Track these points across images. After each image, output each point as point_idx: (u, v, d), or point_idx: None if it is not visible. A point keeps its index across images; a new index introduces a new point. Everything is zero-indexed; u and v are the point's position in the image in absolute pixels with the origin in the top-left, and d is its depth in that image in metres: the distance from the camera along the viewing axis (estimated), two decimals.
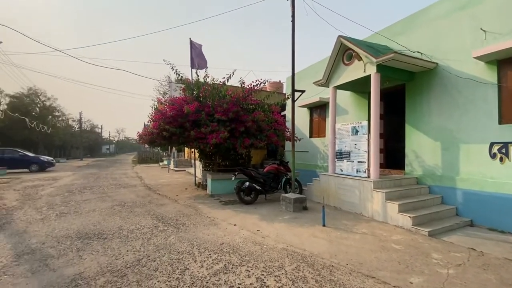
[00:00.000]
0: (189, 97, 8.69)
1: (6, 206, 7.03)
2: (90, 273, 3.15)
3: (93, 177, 14.04)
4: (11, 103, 30.29)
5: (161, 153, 31.08)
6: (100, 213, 6.13)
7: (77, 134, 44.82)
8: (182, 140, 8.36)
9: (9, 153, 17.69)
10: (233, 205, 6.94)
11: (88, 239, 4.35)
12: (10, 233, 4.78)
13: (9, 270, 3.26)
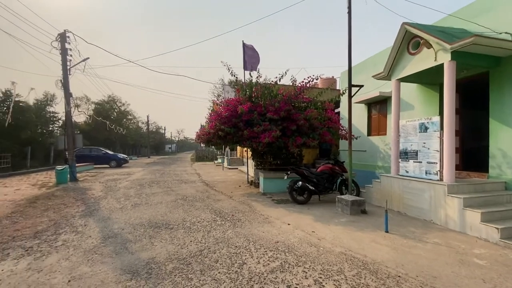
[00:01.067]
0: (242, 97, 8.98)
1: (94, 196, 8.38)
2: (160, 258, 3.52)
3: (159, 173, 15.68)
4: (96, 109, 35.97)
5: (216, 152, 32.91)
6: (166, 206, 6.81)
7: (145, 135, 50.69)
8: (236, 139, 8.69)
9: (94, 151, 21.02)
10: (286, 204, 6.92)
11: (157, 228, 4.87)
12: (98, 218, 5.68)
13: (98, 250, 3.87)
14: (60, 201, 7.59)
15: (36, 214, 6.04)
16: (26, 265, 3.38)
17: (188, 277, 2.99)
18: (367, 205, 6.23)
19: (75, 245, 4.06)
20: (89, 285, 2.85)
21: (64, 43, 12.30)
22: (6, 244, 4.15)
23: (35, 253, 3.75)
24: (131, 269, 3.21)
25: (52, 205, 6.98)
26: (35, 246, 4.05)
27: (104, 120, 28.93)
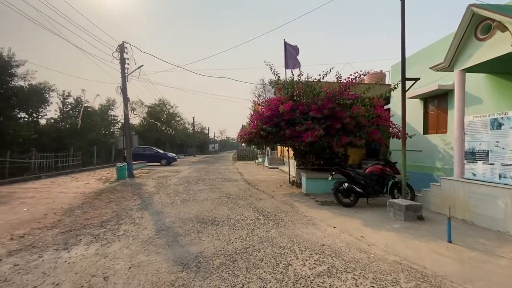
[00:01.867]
0: (283, 96, 8.91)
1: (148, 191, 9.16)
2: (208, 253, 3.67)
3: (204, 171, 16.48)
4: (148, 112, 39.43)
5: (256, 151, 33.31)
6: (212, 202, 7.10)
7: (191, 135, 53.87)
8: (277, 139, 8.65)
9: (147, 150, 23.02)
10: (330, 206, 6.65)
11: (204, 224, 5.10)
12: (152, 212, 6.18)
13: (153, 241, 4.20)
14: (120, 195, 8.48)
15: (102, 206, 6.83)
16: (95, 250, 3.83)
17: (235, 273, 3.06)
18: (424, 211, 5.63)
19: (134, 235, 4.47)
20: (146, 273, 3.11)
21: (122, 53, 13.71)
22: (79, 231, 4.77)
23: (102, 240, 4.24)
24: (181, 261, 3.40)
25: (114, 198, 7.83)
26: (101, 234, 4.57)
27: (156, 121, 31.49)
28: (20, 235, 4.55)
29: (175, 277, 3.00)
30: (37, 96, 16.68)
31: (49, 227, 5.02)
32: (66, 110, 21.16)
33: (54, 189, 9.59)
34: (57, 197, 8.12)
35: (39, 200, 7.61)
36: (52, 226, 5.08)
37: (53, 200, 7.65)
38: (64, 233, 4.62)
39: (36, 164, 14.70)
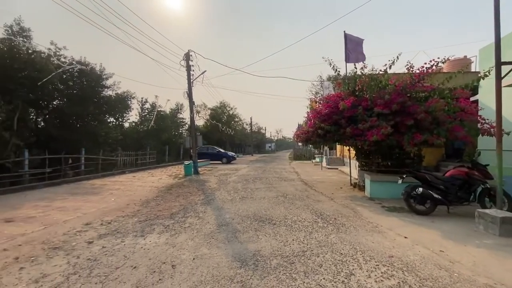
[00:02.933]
0: (344, 92, 8.35)
1: (210, 187, 9.80)
2: (265, 252, 3.68)
3: (261, 170, 16.80)
4: (211, 114, 42.44)
5: (313, 151, 32.31)
6: (269, 201, 7.15)
7: (248, 135, 55.79)
8: (337, 138, 8.18)
9: (210, 149, 24.73)
10: (400, 213, 5.93)
11: (261, 222, 5.15)
12: (214, 207, 6.56)
13: (215, 235, 4.44)
14: (187, 190, 9.29)
15: (171, 199, 7.60)
16: (165, 239, 4.26)
17: (292, 276, 2.98)
18: None
19: (198, 229, 4.81)
20: (208, 265, 3.29)
21: (188, 61, 15.02)
22: (153, 221, 5.39)
23: (171, 231, 4.69)
24: (240, 258, 3.49)
25: (181, 193, 8.63)
26: (171, 225, 5.07)
27: (217, 123, 33.63)
28: (108, 221, 5.40)
29: (234, 273, 3.09)
30: (122, 103, 19.66)
31: (130, 215, 5.82)
32: (144, 114, 24.43)
33: (135, 183, 11.14)
34: (136, 190, 9.40)
35: (123, 192, 8.93)
36: (132, 215, 5.88)
37: (133, 192, 8.88)
38: (141, 222, 5.29)
39: (121, 161, 17.39)
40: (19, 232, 4.74)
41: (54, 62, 13.52)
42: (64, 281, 2.94)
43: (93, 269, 3.23)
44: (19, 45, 12.32)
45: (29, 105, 13.46)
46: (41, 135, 14.04)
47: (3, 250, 3.87)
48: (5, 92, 11.15)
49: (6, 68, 11.62)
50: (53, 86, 14.35)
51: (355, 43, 9.09)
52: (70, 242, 4.19)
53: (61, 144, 14.08)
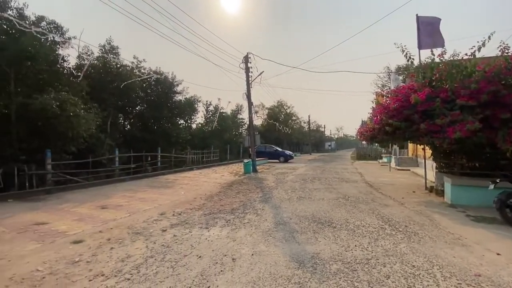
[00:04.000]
0: (417, 83, 7.37)
1: (268, 186, 9.96)
2: (324, 256, 3.53)
3: (319, 170, 16.24)
4: (268, 113, 43.12)
5: (380, 150, 29.57)
6: (328, 203, 6.85)
7: (306, 133, 54.59)
8: (408, 135, 7.29)
9: (268, 148, 25.14)
10: (490, 224, 4.93)
11: (320, 224, 4.97)
12: (271, 205, 6.64)
13: (272, 233, 4.49)
14: (246, 187, 9.65)
15: (232, 195, 8.00)
16: (226, 233, 4.51)
17: (354, 285, 2.78)
18: None
19: (256, 225, 4.94)
20: (266, 262, 3.34)
21: (247, 63, 15.56)
22: (216, 214, 5.77)
23: (232, 226, 4.94)
24: (298, 259, 3.44)
25: (241, 190, 9.01)
26: (231, 220, 5.34)
27: (274, 122, 33.95)
28: (178, 212, 6.02)
29: (291, 273, 3.06)
30: (190, 107, 21.66)
31: (197, 208, 6.37)
32: (208, 116, 26.43)
33: (201, 179, 12.14)
34: (202, 185, 10.23)
35: (191, 187, 9.83)
36: (198, 208, 6.42)
37: (200, 187, 9.69)
38: (206, 215, 5.73)
39: (190, 159, 19.19)
40: (111, 217, 5.70)
41: (136, 74, 15.82)
42: (143, 262, 3.41)
43: (166, 254, 3.64)
44: (110, 61, 14.80)
45: (118, 111, 16.07)
46: (127, 136, 16.59)
47: (99, 232, 4.71)
48: (101, 101, 13.56)
49: (101, 81, 14.13)
50: (136, 94, 16.78)
51: (430, 26, 7.92)
52: (148, 229, 4.83)
53: (142, 143, 16.38)
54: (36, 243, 4.18)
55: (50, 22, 10.57)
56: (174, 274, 3.06)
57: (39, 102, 8.86)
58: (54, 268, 3.29)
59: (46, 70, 10.41)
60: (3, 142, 9.13)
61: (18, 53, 8.90)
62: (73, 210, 6.44)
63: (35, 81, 10.15)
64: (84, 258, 3.57)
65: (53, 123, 9.44)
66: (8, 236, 4.56)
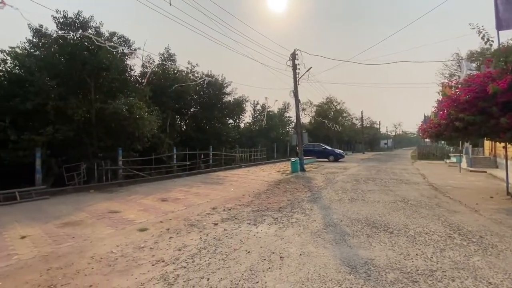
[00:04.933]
0: (495, 70, 6.26)
1: (317, 185, 9.68)
2: (379, 263, 3.28)
3: (374, 170, 15.10)
4: (316, 110, 41.78)
5: (447, 149, 26.04)
6: (384, 206, 6.33)
7: (359, 131, 51.24)
8: (484, 131, 6.29)
9: (316, 147, 24.39)
10: None
11: (375, 228, 4.63)
12: (320, 206, 6.44)
13: (321, 235, 4.35)
14: (294, 186, 9.54)
15: (280, 194, 8.01)
16: (274, 231, 4.54)
17: None
18: None
19: (304, 225, 4.85)
20: (315, 264, 3.26)
21: (294, 60, 15.34)
22: (263, 212, 5.86)
23: (279, 224, 4.94)
24: (349, 263, 3.27)
25: (289, 188, 8.95)
26: (279, 218, 5.35)
27: (323, 119, 32.78)
28: (228, 208, 6.29)
29: (342, 277, 2.93)
30: (238, 107, 22.37)
31: (245, 205, 6.56)
32: (256, 115, 26.90)
33: (249, 177, 12.46)
34: (250, 182, 10.49)
35: (240, 184, 10.17)
36: (247, 204, 6.60)
37: (248, 184, 9.96)
38: (254, 212, 5.86)
39: (238, 157, 19.85)
40: (170, 209, 6.26)
41: (190, 78, 17.02)
42: (197, 253, 3.66)
43: (217, 247, 3.85)
44: (168, 67, 16.22)
45: (176, 113, 17.49)
46: (183, 136, 17.98)
47: (160, 222, 5.22)
48: (161, 104, 14.97)
49: (161, 86, 15.57)
50: (190, 97, 18.07)
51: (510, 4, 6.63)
52: (202, 222, 5.16)
53: (196, 142, 17.58)
54: (110, 229, 4.85)
55: (120, 37, 12.08)
56: (225, 267, 3.21)
57: (112, 107, 10.23)
58: (124, 251, 3.77)
59: (117, 79, 11.96)
60: (86, 142, 10.81)
61: (96, 65, 10.42)
62: (139, 201, 7.28)
63: (109, 89, 11.73)
64: (148, 244, 4.00)
65: (123, 125, 10.80)
66: (90, 221, 5.40)
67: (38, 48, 10.78)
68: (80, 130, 10.55)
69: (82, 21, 10.51)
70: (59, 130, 9.47)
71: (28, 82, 9.48)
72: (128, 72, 13.51)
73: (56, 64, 10.44)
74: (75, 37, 10.19)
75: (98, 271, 3.17)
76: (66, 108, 9.76)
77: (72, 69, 10.42)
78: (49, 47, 10.75)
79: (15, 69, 10.30)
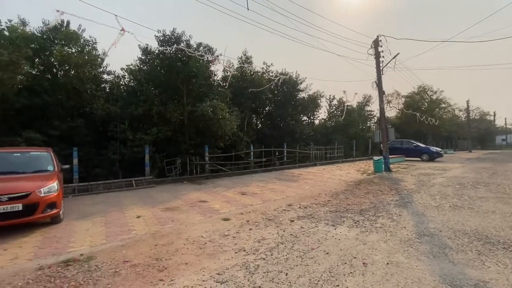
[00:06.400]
0: None
1: (406, 188, 8.49)
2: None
3: (486, 172, 12.16)
4: (405, 102, 36.46)
5: None
6: (503, 217, 5.03)
7: (463, 124, 42.17)
8: None
9: (405, 144, 21.36)
10: None
11: (489, 245, 3.73)
12: (412, 212, 5.62)
13: (414, 244, 3.80)
14: (377, 187, 8.65)
15: (360, 195, 7.40)
16: (355, 234, 4.23)
17: None
18: None
19: (391, 232, 4.34)
20: (406, 276, 2.88)
21: (377, 47, 13.83)
22: (342, 213, 5.53)
23: (361, 227, 4.58)
24: (452, 282, 2.74)
25: (371, 190, 8.17)
26: (360, 221, 4.95)
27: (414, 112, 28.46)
28: (304, 206, 6.21)
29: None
30: (313, 103, 21.77)
31: (322, 204, 6.35)
32: (331, 111, 25.60)
33: (324, 175, 11.99)
34: (326, 181, 10.08)
35: (315, 182, 9.90)
36: (323, 204, 6.38)
37: (324, 183, 9.60)
38: (331, 212, 5.61)
39: (313, 154, 19.35)
40: (249, 203, 6.65)
41: (265, 78, 17.59)
42: (275, 247, 3.76)
43: (294, 243, 3.86)
44: (246, 70, 17.17)
45: (252, 112, 18.41)
46: (259, 134, 18.77)
47: (240, 214, 5.61)
48: (239, 104, 16.02)
49: (239, 88, 16.65)
50: (265, 96, 18.68)
51: None
52: (278, 217, 5.28)
53: (271, 140, 18.08)
54: (200, 216, 5.52)
55: (205, 46, 13.52)
56: (303, 264, 3.20)
57: (200, 109, 11.59)
58: (211, 237, 4.22)
59: (203, 84, 13.46)
60: (180, 140, 12.61)
61: (187, 74, 12.00)
62: (222, 193, 8.02)
63: (197, 94, 13.33)
64: (230, 233, 4.37)
65: (209, 125, 12.10)
66: (185, 208, 6.27)
67: (145, 64, 13.16)
68: (175, 130, 12.36)
69: (176, 37, 12.23)
70: (161, 131, 11.37)
71: (139, 92, 11.75)
72: (212, 77, 14.99)
73: (158, 75, 12.53)
74: (171, 51, 11.97)
75: (192, 252, 3.65)
76: (166, 112, 11.61)
77: (170, 79, 12.30)
78: (152, 62, 12.98)
79: (131, 82, 12.91)
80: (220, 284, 2.78)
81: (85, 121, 10.76)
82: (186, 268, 3.17)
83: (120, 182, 9.43)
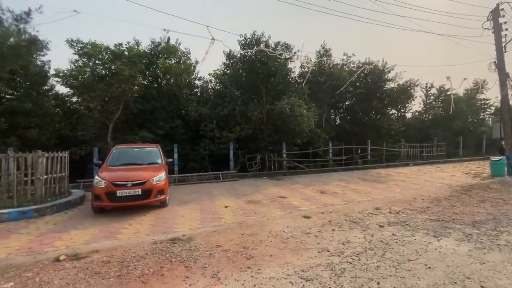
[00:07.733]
0: None
1: None
2: None
3: None
4: None
5: None
6: None
7: None
8: None
9: None
10: None
11: None
12: None
13: None
14: (498, 195, 6.89)
15: (472, 203, 6.05)
16: (467, 250, 3.49)
17: None
18: None
19: None
20: None
21: (496, 19, 10.94)
22: (447, 223, 4.65)
23: (476, 243, 3.74)
24: None
25: (488, 198, 6.57)
26: (474, 235, 4.05)
27: None
28: (396, 210, 5.52)
29: None
30: (404, 94, 18.99)
31: (419, 211, 5.50)
32: (429, 102, 21.74)
33: (420, 177, 10.34)
34: (423, 184, 8.67)
35: (408, 185, 8.65)
36: (421, 210, 5.51)
37: (420, 186, 8.29)
38: (432, 221, 4.79)
39: (404, 153, 16.95)
40: (329, 202, 6.38)
41: (346, 70, 16.44)
42: (363, 252, 3.48)
43: (386, 251, 3.48)
44: (325, 63, 16.45)
45: (330, 108, 17.55)
46: (338, 130, 17.74)
47: (321, 213, 5.43)
48: (317, 100, 15.49)
49: (317, 83, 16.10)
50: (345, 90, 17.46)
51: None
52: (364, 220, 4.87)
53: (351, 136, 16.82)
54: (280, 211, 5.64)
55: (283, 44, 13.63)
56: (398, 276, 2.85)
57: (278, 107, 11.83)
58: (293, 233, 4.26)
59: (281, 82, 13.66)
60: (259, 137, 13.20)
61: (266, 73, 12.43)
62: (301, 191, 7.98)
63: (275, 92, 13.64)
64: (312, 232, 4.30)
65: (286, 122, 12.22)
66: (266, 202, 6.54)
67: (229, 68, 14.31)
68: (255, 128, 13.01)
69: (256, 39, 12.79)
70: (243, 129, 12.19)
71: (224, 94, 12.88)
72: (289, 75, 15.02)
73: (240, 77, 13.44)
74: (252, 53, 12.61)
75: (275, 245, 3.78)
76: (247, 111, 12.35)
77: (250, 79, 13.01)
78: (235, 65, 13.98)
79: (217, 85, 14.28)
80: (305, 282, 2.77)
81: (182, 121, 12.55)
82: (271, 260, 3.30)
83: (210, 175, 10.62)
